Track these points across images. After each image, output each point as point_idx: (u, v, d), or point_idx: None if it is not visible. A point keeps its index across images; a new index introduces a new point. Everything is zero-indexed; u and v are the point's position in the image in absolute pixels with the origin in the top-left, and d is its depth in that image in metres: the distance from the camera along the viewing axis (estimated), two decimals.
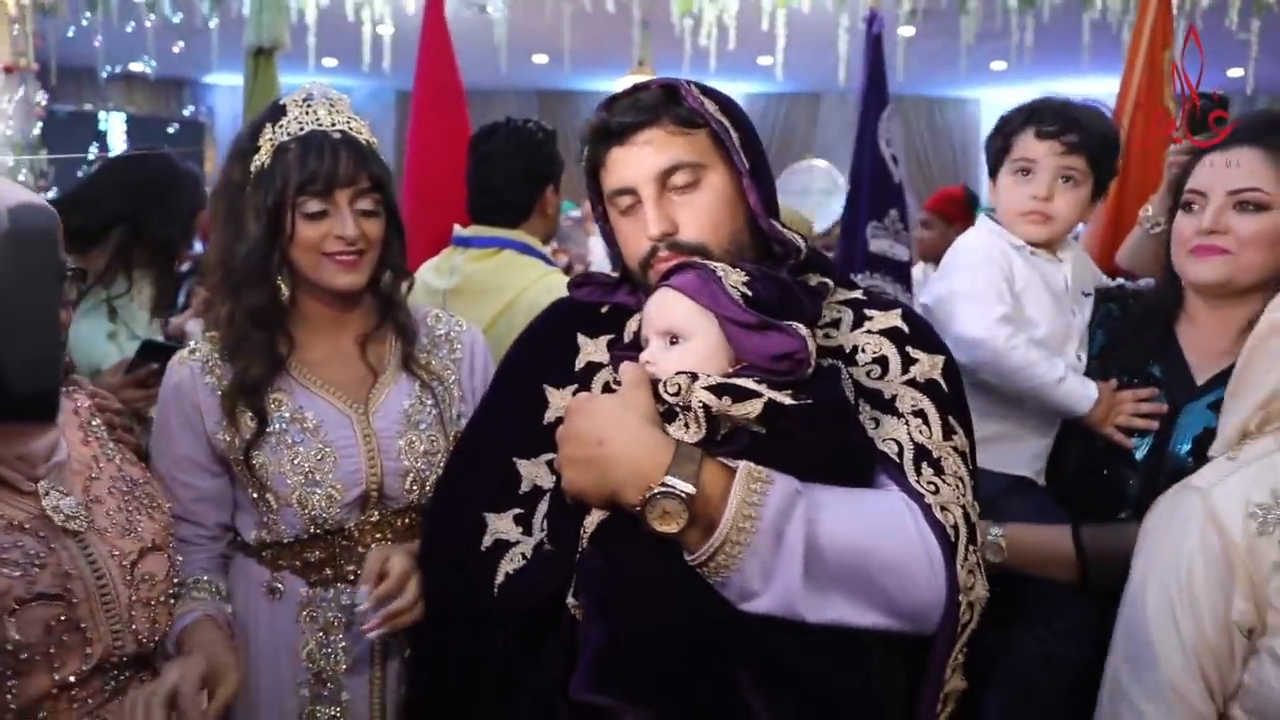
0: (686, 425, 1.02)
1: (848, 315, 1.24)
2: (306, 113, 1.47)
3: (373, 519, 1.52)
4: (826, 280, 1.24)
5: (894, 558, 1.01)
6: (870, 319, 1.23)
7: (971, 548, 1.06)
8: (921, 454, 1.10)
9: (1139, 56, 2.72)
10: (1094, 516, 1.63)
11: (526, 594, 1.13)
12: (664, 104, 1.19)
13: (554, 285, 2.22)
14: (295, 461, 1.48)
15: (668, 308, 1.10)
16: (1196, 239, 1.56)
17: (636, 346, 1.18)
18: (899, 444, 1.11)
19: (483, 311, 2.17)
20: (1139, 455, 1.62)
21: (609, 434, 1.01)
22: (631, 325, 1.27)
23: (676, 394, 1.02)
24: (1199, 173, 1.59)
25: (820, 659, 1.00)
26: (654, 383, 1.06)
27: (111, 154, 2.66)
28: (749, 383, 1.02)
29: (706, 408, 1.01)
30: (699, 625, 0.98)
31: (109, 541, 1.29)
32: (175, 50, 7.69)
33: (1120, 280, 1.96)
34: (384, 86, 11.72)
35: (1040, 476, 1.75)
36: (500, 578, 1.16)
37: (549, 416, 1.25)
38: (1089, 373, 1.72)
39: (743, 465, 0.99)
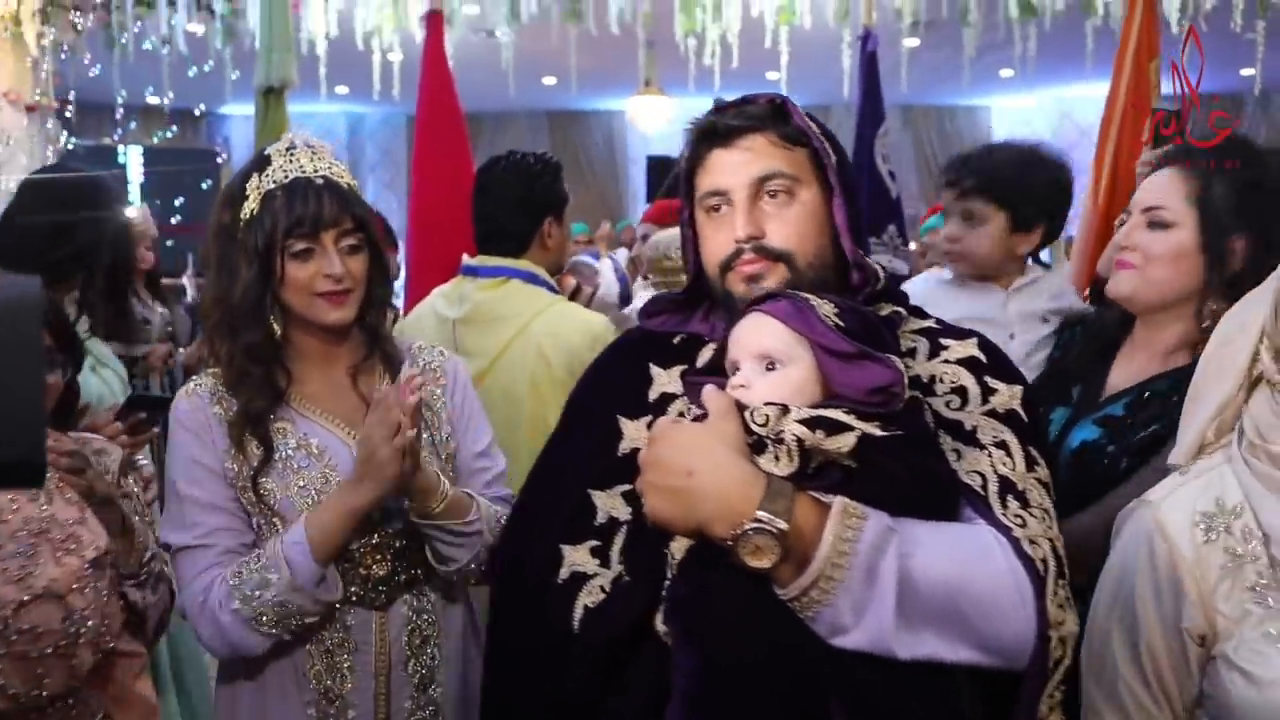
0: (777, 458, 1.00)
1: (923, 344, 1.22)
2: (290, 161, 1.55)
3: (373, 541, 1.57)
4: (900, 310, 1.23)
5: (985, 593, 1.00)
6: (946, 348, 1.22)
7: (1061, 582, 1.04)
8: (1006, 486, 1.08)
9: (1125, 67, 2.77)
10: None
11: (607, 626, 1.12)
12: (771, 117, 1.21)
13: (564, 313, 2.26)
14: (302, 486, 1.53)
15: (762, 331, 1.08)
16: (1116, 253, 1.64)
17: (711, 373, 1.17)
18: (983, 476, 1.08)
19: (493, 340, 2.22)
20: None
21: (698, 465, 0.99)
22: (704, 354, 1.26)
23: (765, 424, 1.00)
24: (1139, 187, 1.66)
25: (910, 694, 0.99)
26: (741, 411, 1.04)
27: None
28: (843, 415, 1.00)
29: (800, 441, 0.99)
30: (791, 658, 0.98)
31: None
32: (191, 81, 7.84)
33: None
34: (395, 112, 11.89)
35: None
36: (579, 611, 1.14)
37: (623, 448, 1.23)
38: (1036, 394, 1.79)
39: (838, 501, 0.97)
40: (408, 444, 1.42)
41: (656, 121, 8.88)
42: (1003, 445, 1.11)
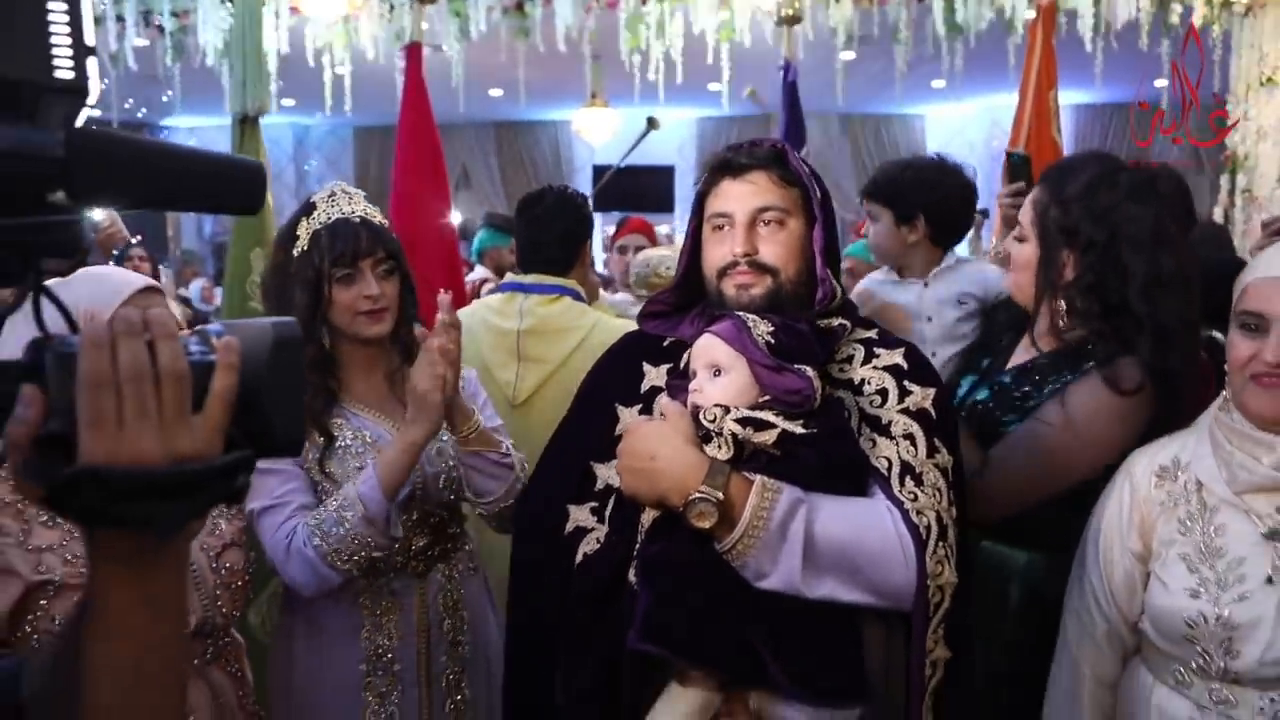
0: (719, 447, 1.29)
1: (860, 352, 1.49)
2: (332, 205, 1.86)
3: (414, 517, 1.86)
4: (846, 323, 1.49)
5: (875, 550, 1.28)
6: (878, 356, 1.48)
7: (942, 543, 1.31)
8: (906, 469, 1.36)
9: (1028, 98, 3.04)
10: None
11: (598, 570, 1.40)
12: (773, 159, 1.49)
13: (612, 326, 2.60)
14: (358, 467, 1.80)
15: (710, 349, 1.37)
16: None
17: (688, 375, 1.46)
18: (889, 461, 1.37)
19: (561, 348, 2.58)
20: None
21: (659, 451, 1.29)
22: (686, 356, 1.51)
23: (713, 422, 1.30)
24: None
25: (813, 621, 1.27)
26: (695, 411, 1.34)
27: None
28: (768, 415, 1.30)
29: (734, 435, 1.29)
30: (724, 596, 1.26)
31: (198, 538, 1.50)
32: (137, 94, 7.80)
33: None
34: (341, 123, 11.90)
35: None
36: (580, 557, 1.43)
37: (619, 429, 1.50)
38: (954, 365, 2.18)
39: (759, 479, 1.27)
40: (446, 377, 1.69)
41: (602, 133, 9.06)
42: (910, 437, 1.38)
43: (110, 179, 0.72)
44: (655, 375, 1.54)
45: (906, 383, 1.43)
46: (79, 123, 0.72)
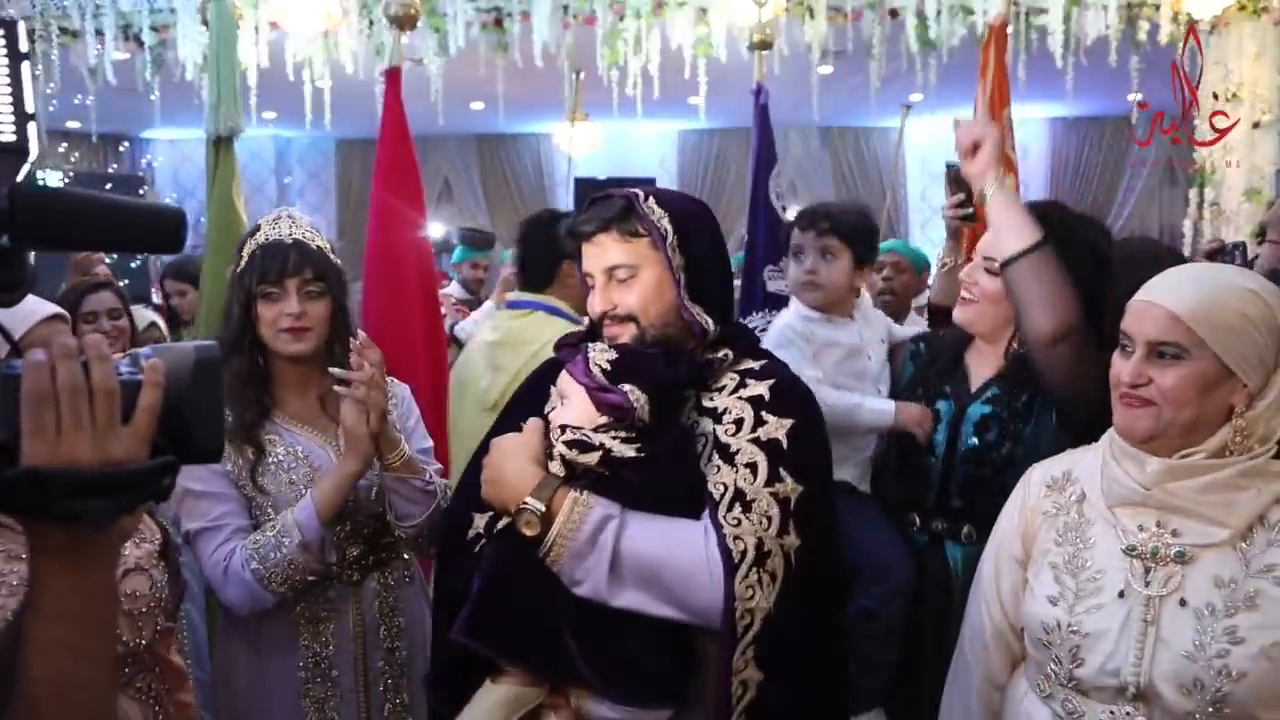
0: (558, 464, 1.42)
1: (732, 383, 1.54)
2: (274, 228, 1.93)
3: (347, 528, 1.93)
4: (729, 353, 1.55)
5: (683, 569, 1.37)
6: (747, 386, 1.53)
7: (758, 569, 1.37)
8: (738, 496, 1.41)
9: (981, 115, 3.11)
10: (908, 496, 2.17)
11: (469, 573, 1.48)
12: (619, 216, 1.54)
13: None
14: (291, 482, 1.89)
15: (561, 381, 1.53)
16: (959, 288, 2.07)
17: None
18: (726, 487, 1.43)
19: (517, 359, 2.76)
20: (939, 448, 2.09)
21: (505, 466, 1.43)
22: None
23: (555, 442, 1.43)
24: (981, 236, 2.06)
25: (627, 628, 1.37)
26: (547, 431, 1.47)
27: None
28: (600, 437, 1.42)
29: (562, 455, 1.42)
30: (545, 599, 1.38)
31: None
32: (115, 106, 7.80)
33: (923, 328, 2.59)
34: (323, 136, 11.89)
35: (862, 482, 2.31)
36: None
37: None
38: (905, 397, 2.23)
39: (571, 494, 1.38)
40: (369, 407, 1.80)
41: (583, 146, 9.10)
42: (751, 466, 1.45)
43: (47, 226, 0.88)
44: (554, 398, 1.62)
45: (763, 413, 1.48)
46: (20, 178, 0.88)
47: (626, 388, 1.43)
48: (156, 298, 5.87)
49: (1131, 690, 1.36)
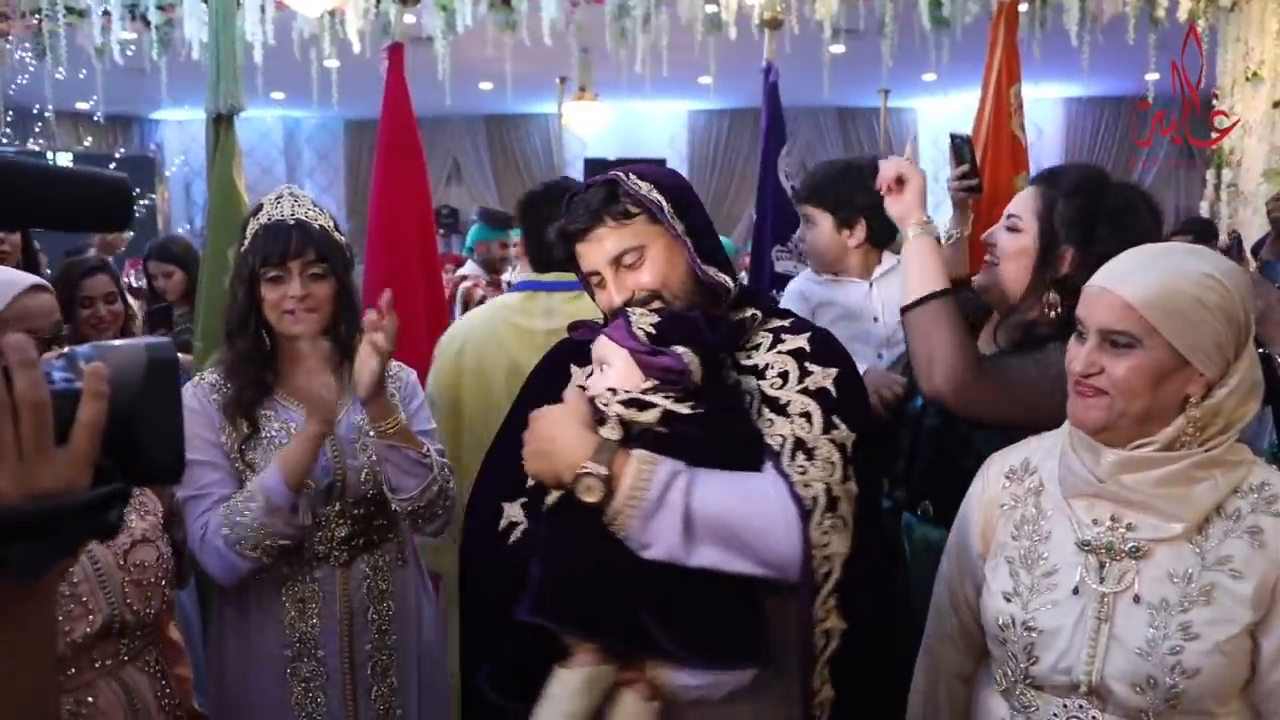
0: (611, 428, 1.36)
1: (768, 340, 1.53)
2: (276, 207, 1.93)
3: (335, 509, 1.92)
4: (757, 313, 1.54)
5: (757, 520, 1.31)
6: (784, 341, 1.51)
7: (829, 514, 1.33)
8: (799, 445, 1.38)
9: (989, 92, 3.05)
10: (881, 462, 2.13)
11: (516, 559, 1.44)
12: (606, 202, 1.50)
13: None
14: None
15: (598, 346, 1.47)
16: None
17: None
18: (784, 438, 1.39)
19: None
20: (914, 421, 2.12)
21: (556, 435, 1.36)
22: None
23: (606, 405, 1.38)
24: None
25: (701, 589, 1.31)
26: (592, 399, 1.41)
27: None
28: (651, 396, 1.37)
29: (619, 415, 1.36)
30: (612, 569, 1.32)
31: None
32: (124, 87, 7.78)
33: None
34: (331, 116, 11.87)
35: None
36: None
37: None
38: (902, 369, 2.22)
39: (636, 453, 1.32)
40: (372, 367, 1.77)
41: (592, 125, 9.05)
42: (806, 415, 1.42)
43: None
44: (580, 375, 1.59)
45: (808, 364, 1.47)
46: None
47: (679, 349, 1.39)
48: (129, 280, 5.86)
49: (1084, 688, 1.35)
